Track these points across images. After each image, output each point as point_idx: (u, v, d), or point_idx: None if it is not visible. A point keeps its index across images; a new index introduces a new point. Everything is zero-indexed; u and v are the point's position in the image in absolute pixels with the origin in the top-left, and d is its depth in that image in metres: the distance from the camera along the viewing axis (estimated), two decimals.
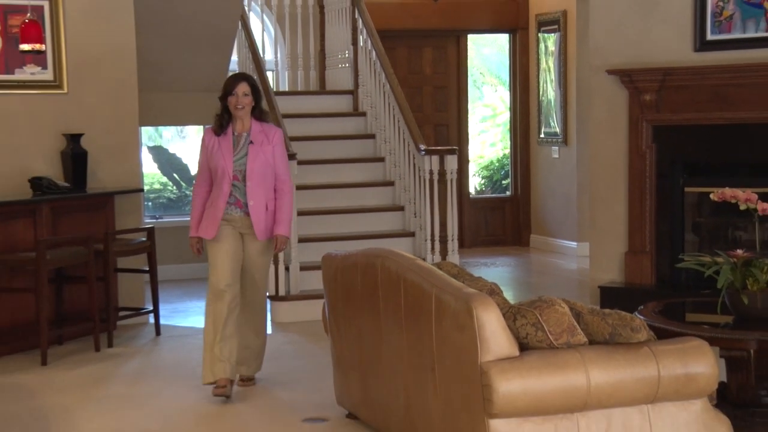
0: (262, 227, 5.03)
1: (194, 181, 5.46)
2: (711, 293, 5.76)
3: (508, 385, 3.96)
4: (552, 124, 11.60)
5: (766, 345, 5.26)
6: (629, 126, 8.05)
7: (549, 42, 11.53)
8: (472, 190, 12.44)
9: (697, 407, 4.42)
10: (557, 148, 11.55)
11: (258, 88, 5.15)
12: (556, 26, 11.41)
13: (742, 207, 5.32)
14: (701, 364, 4.43)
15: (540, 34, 11.74)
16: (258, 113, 5.10)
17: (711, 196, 5.70)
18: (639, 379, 4.37)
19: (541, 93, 11.81)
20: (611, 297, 7.96)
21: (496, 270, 10.29)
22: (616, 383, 4.29)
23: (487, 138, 13.15)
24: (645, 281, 8.25)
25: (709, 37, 7.67)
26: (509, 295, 5.99)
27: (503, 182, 12.61)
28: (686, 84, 7.84)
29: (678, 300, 6.53)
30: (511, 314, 4.23)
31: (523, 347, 4.12)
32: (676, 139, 8.13)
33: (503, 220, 12.31)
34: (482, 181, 12.81)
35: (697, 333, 4.88)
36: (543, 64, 11.74)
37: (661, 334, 4.77)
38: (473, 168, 12.65)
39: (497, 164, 12.78)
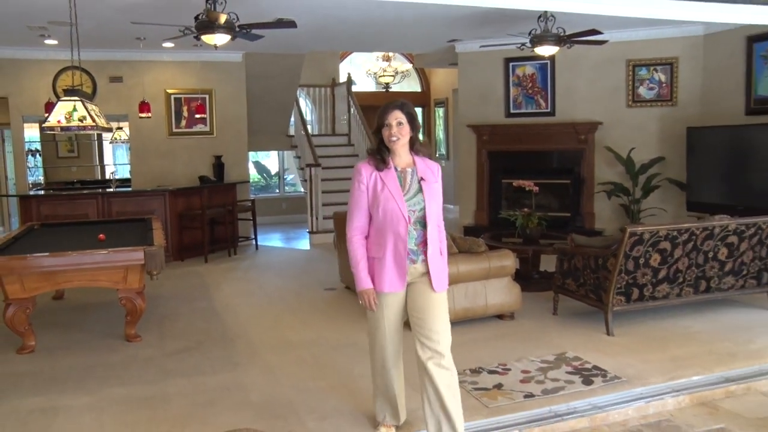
0: (441, 277, 3.47)
1: (350, 224, 3.49)
2: (513, 229, 7.40)
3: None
4: (442, 150, 14.60)
5: (536, 252, 7.17)
6: (477, 151, 10.39)
7: (440, 111, 14.66)
8: None
9: (506, 280, 5.88)
10: (444, 161, 14.38)
11: (415, 117, 3.44)
12: (443, 104, 14.38)
13: (527, 189, 7.44)
14: (508, 260, 5.91)
15: (436, 108, 14.85)
16: (415, 145, 3.47)
17: (513, 183, 7.96)
18: (481, 268, 5.74)
19: (436, 136, 14.83)
20: (469, 231, 9.99)
21: None
22: (470, 270, 5.71)
23: None
24: (484, 223, 10.27)
25: (512, 111, 10.14)
26: None
27: None
28: (502, 132, 10.10)
29: (498, 232, 8.04)
30: None
31: None
32: (498, 158, 10.21)
33: None
34: None
35: (506, 246, 6.38)
36: (437, 122, 14.84)
37: (492, 247, 6.15)
38: None
39: None
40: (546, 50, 7.70)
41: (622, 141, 9.61)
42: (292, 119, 12.64)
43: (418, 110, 15.65)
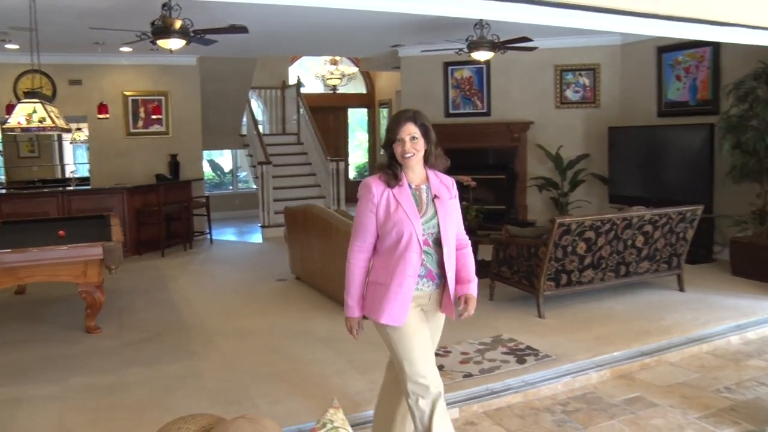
0: (451, 301, 2.93)
1: (353, 242, 2.91)
2: None
3: None
4: None
5: (474, 242, 5.62)
6: None
7: (384, 112, 14.67)
8: (351, 176, 14.97)
9: None
10: None
11: (429, 128, 2.87)
12: (387, 105, 14.41)
13: (465, 184, 7.35)
14: None
15: (380, 108, 14.84)
16: (429, 160, 2.91)
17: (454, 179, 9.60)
18: None
19: (380, 134, 14.34)
20: None
21: None
22: None
23: (358, 154, 15.82)
24: None
25: (451, 111, 10.25)
26: None
27: (365, 173, 15.51)
28: (442, 131, 9.12)
29: None
30: None
31: None
32: None
33: None
34: (356, 173, 15.52)
35: None
36: (381, 122, 14.74)
37: None
38: (351, 167, 15.30)
39: (362, 165, 15.64)
40: (482, 55, 7.79)
41: (551, 139, 9.76)
42: (245, 119, 12.58)
43: (363, 111, 15.69)
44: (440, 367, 4.50)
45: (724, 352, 5.03)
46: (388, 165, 2.87)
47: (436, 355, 4.71)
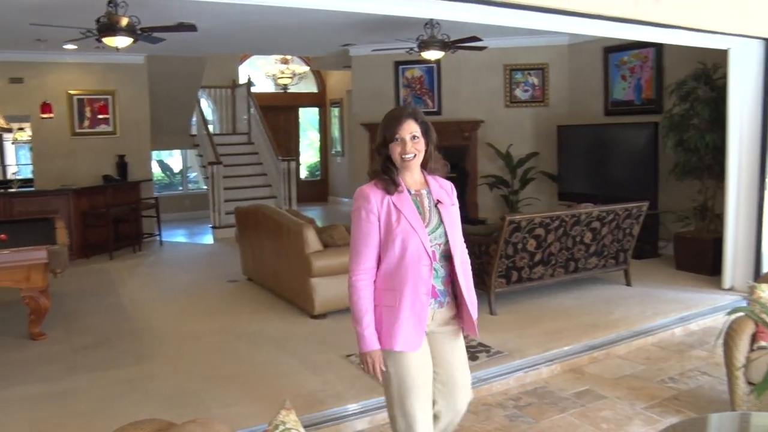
0: (472, 319, 2.60)
1: (356, 265, 2.51)
2: None
3: (318, 262, 5.44)
4: (337, 147, 14.65)
5: None
6: (369, 148, 9.65)
7: (335, 111, 14.67)
8: (302, 176, 15.01)
9: None
10: (339, 158, 14.59)
11: (429, 126, 2.55)
12: (338, 104, 14.37)
13: None
14: None
15: (331, 108, 14.82)
16: (429, 164, 2.58)
17: None
18: None
19: (332, 134, 14.85)
20: None
21: (313, 212, 11.97)
22: None
23: (309, 154, 15.79)
24: None
25: None
26: (320, 223, 7.62)
27: (316, 172, 15.65)
28: None
29: None
30: (321, 231, 5.73)
31: (326, 245, 5.63)
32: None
33: (316, 189, 15.15)
34: (307, 173, 15.57)
35: None
36: (333, 121, 14.82)
37: None
38: (303, 167, 15.31)
39: (313, 165, 15.65)
40: (432, 54, 7.85)
41: (501, 138, 9.85)
42: (194, 119, 12.42)
43: (314, 110, 15.60)
44: None
45: (668, 343, 5.18)
46: (383, 169, 2.51)
47: None
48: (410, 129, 2.49)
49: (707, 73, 7.08)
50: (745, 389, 3.48)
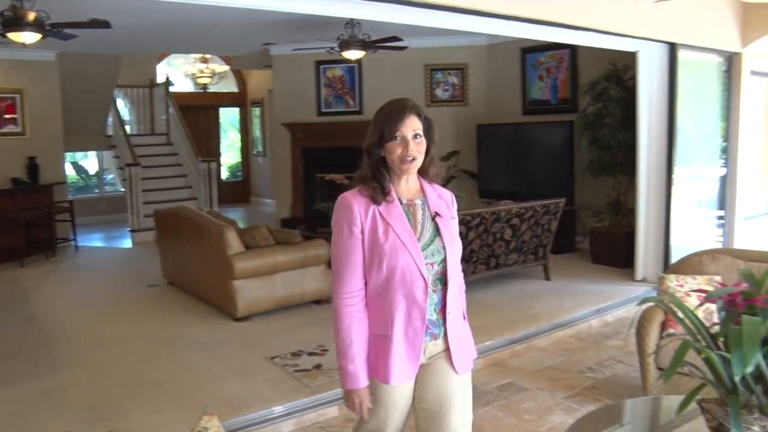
0: (465, 353, 2.27)
1: (340, 286, 2.14)
2: (327, 220, 7.88)
3: (240, 264, 5.39)
4: (258, 147, 14.46)
5: None
6: (291, 148, 10.45)
7: (256, 111, 14.43)
8: (223, 176, 14.78)
9: (322, 267, 5.91)
10: (261, 158, 14.37)
11: (432, 125, 2.22)
12: (260, 104, 14.15)
13: (338, 182, 7.94)
14: (322, 249, 5.91)
15: (252, 107, 14.56)
16: (429, 170, 2.23)
17: (325, 177, 8.66)
18: (297, 257, 5.78)
19: (253, 134, 14.62)
20: (286, 223, 9.83)
21: (235, 213, 11.86)
22: (287, 260, 5.72)
23: (230, 154, 15.51)
24: (300, 216, 10.30)
25: (323, 110, 10.23)
26: (241, 224, 7.55)
27: (237, 173, 15.38)
28: (314, 129, 10.17)
29: (314, 223, 8.44)
30: (242, 232, 5.69)
31: (248, 247, 5.58)
32: (312, 154, 10.32)
33: (238, 190, 14.92)
34: (228, 173, 15.32)
35: (320, 236, 6.54)
36: (254, 121, 14.57)
37: (307, 238, 6.25)
38: (224, 168, 15.04)
39: (234, 166, 15.38)
40: (353, 54, 7.86)
41: None
42: (110, 119, 12.00)
43: (235, 110, 15.31)
44: (318, 366, 4.50)
45: (586, 335, 5.36)
46: (374, 174, 2.13)
47: (314, 354, 4.73)
48: (413, 126, 2.12)
49: (618, 74, 7.37)
50: (655, 374, 3.64)
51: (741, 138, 7.06)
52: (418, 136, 2.13)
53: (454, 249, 2.17)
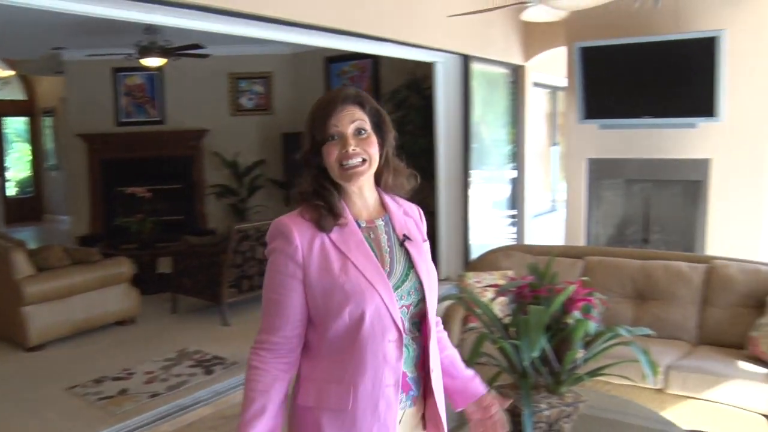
0: (442, 422, 1.64)
1: (258, 335, 1.63)
2: (130, 235, 7.10)
3: (31, 288, 5.00)
4: (52, 160, 12.99)
5: (152, 255, 6.78)
6: (89, 160, 9.59)
7: (48, 121, 12.91)
8: (11, 193, 13.22)
9: (124, 286, 5.67)
10: (54, 172, 12.73)
11: (385, 118, 1.69)
12: (51, 113, 12.79)
13: (140, 195, 7.29)
14: (123, 266, 5.59)
15: (43, 117, 13.21)
16: (390, 179, 1.70)
17: (126, 191, 7.70)
18: (96, 277, 5.45)
19: (45, 146, 13.15)
20: (85, 241, 8.96)
21: (25, 233, 10.76)
22: (86, 280, 5.33)
23: (19, 168, 13.73)
24: (100, 232, 9.36)
25: (122, 120, 9.74)
26: (33, 244, 6.52)
27: (27, 189, 13.63)
28: (114, 140, 9.61)
29: (116, 239, 7.45)
30: (33, 253, 5.25)
31: (40, 269, 5.17)
32: (111, 166, 9.67)
33: (29, 207, 13.30)
34: (17, 189, 13.57)
35: (122, 253, 6.17)
36: (46, 132, 13.09)
37: (108, 255, 5.88)
38: (11, 183, 13.32)
39: (24, 180, 13.63)
40: (152, 61, 7.57)
41: (228, 146, 9.77)
42: None
43: (23, 120, 13.92)
44: (123, 391, 4.24)
45: None
46: (314, 191, 1.58)
47: (119, 378, 4.45)
48: (353, 117, 1.58)
49: (418, 83, 7.72)
50: None
51: (527, 143, 7.72)
52: (363, 132, 1.58)
53: (431, 282, 1.63)
